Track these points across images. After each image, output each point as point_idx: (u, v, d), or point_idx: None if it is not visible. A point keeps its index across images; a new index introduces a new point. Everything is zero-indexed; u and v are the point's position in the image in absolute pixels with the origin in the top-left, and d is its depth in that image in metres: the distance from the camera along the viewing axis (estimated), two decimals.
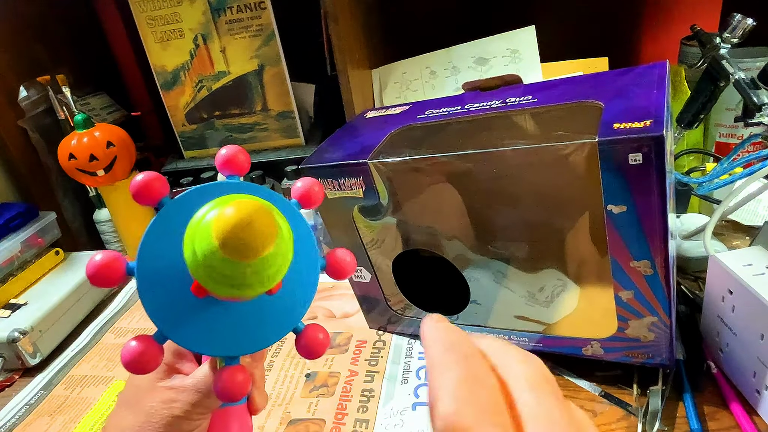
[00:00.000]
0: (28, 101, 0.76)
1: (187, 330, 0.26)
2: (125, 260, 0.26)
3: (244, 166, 0.30)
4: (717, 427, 0.42)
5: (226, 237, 0.21)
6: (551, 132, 0.39)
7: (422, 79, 0.75)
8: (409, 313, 0.55)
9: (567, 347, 0.47)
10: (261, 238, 0.22)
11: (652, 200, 0.36)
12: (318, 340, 0.29)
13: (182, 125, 0.81)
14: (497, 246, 0.46)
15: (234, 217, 0.21)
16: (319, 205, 0.31)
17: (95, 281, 0.25)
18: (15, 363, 0.61)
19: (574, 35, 0.79)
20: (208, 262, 0.22)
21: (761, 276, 0.41)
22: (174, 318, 0.26)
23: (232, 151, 0.29)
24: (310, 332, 0.29)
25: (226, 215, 0.21)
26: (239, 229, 0.21)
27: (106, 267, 0.25)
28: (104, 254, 0.25)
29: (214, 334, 0.26)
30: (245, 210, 0.22)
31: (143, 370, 0.26)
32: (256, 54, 0.75)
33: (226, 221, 0.21)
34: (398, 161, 0.44)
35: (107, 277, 0.25)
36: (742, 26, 0.53)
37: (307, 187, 0.31)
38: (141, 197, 0.27)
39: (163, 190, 0.27)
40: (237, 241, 0.21)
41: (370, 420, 0.48)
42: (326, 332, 0.29)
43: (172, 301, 0.26)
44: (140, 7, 0.73)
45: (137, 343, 0.25)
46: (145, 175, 0.27)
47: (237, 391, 0.27)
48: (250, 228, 0.21)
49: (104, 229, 0.82)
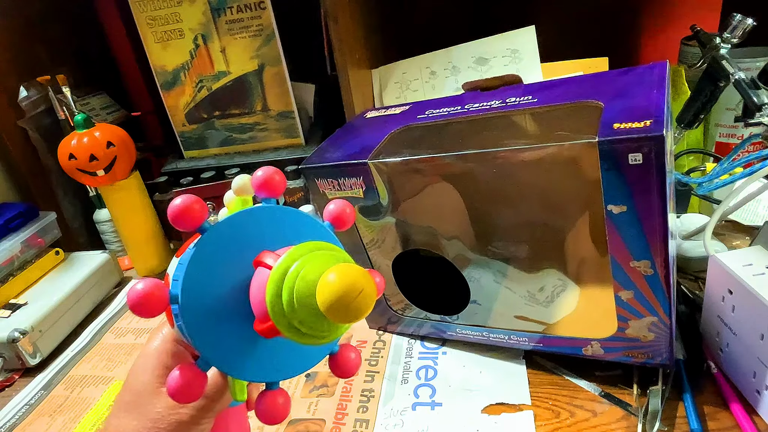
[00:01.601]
0: (28, 101, 0.76)
1: (237, 361, 0.26)
2: (166, 288, 0.25)
3: (280, 188, 0.29)
4: (717, 427, 0.42)
5: (334, 304, 0.21)
6: (551, 132, 0.39)
7: (422, 79, 0.75)
8: (409, 313, 0.55)
9: (567, 347, 0.47)
10: (367, 307, 0.22)
11: (652, 200, 0.36)
12: (351, 360, 0.30)
13: (182, 125, 0.81)
14: (497, 246, 0.46)
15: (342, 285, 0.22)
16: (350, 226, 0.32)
17: (138, 311, 0.24)
18: (15, 363, 0.61)
19: (574, 35, 0.79)
20: (301, 317, 0.23)
21: (761, 276, 0.41)
22: (223, 349, 0.26)
23: (269, 173, 0.29)
24: (344, 353, 0.30)
25: (333, 282, 0.22)
26: (350, 299, 0.21)
27: (149, 296, 0.24)
28: (146, 283, 0.24)
29: (262, 363, 0.27)
30: (353, 278, 0.22)
31: (190, 399, 0.26)
32: (256, 54, 0.75)
33: (335, 289, 0.21)
34: (398, 161, 0.44)
35: (151, 307, 0.24)
36: (742, 26, 0.53)
37: (340, 210, 0.31)
38: (180, 222, 0.26)
39: (203, 213, 0.26)
40: (347, 309, 0.22)
41: (370, 420, 0.48)
42: (358, 352, 0.30)
43: (222, 332, 0.26)
44: (140, 7, 0.73)
45: (183, 374, 0.25)
46: (184, 200, 0.26)
47: (279, 414, 0.27)
48: (361, 299, 0.22)
49: (104, 229, 0.82)
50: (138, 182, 0.75)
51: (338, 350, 0.30)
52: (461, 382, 0.50)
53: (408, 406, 0.48)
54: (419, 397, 0.49)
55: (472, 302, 0.50)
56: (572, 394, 0.47)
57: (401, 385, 0.51)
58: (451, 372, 0.52)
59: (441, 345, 0.55)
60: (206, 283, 0.26)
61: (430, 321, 0.54)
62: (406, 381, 0.51)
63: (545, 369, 0.50)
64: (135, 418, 0.31)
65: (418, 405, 0.48)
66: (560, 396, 0.47)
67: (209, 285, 0.26)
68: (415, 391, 0.50)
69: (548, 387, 0.48)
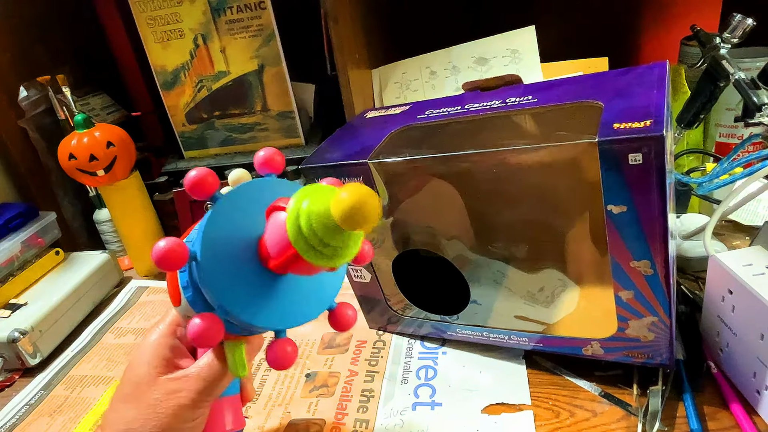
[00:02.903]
0: (28, 101, 0.76)
1: (250, 306, 0.29)
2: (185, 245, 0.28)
3: (281, 166, 0.34)
4: (717, 427, 0.42)
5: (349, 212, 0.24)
6: (551, 132, 0.39)
7: (422, 79, 0.75)
8: (409, 313, 0.55)
9: (567, 347, 0.47)
10: (376, 212, 0.24)
11: (652, 200, 0.36)
12: (348, 316, 0.33)
13: (182, 125, 0.81)
14: (497, 246, 0.46)
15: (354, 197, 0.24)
16: None
17: (163, 265, 0.27)
18: (15, 363, 0.61)
19: (574, 35, 0.79)
20: (320, 234, 0.25)
21: (761, 276, 0.41)
22: (239, 297, 0.29)
23: (270, 153, 0.33)
24: (342, 309, 0.33)
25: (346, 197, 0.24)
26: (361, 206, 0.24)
27: (172, 251, 0.27)
28: (168, 240, 0.28)
29: (272, 310, 0.30)
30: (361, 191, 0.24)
31: (209, 344, 0.29)
32: (256, 54, 0.75)
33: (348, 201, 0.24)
34: (398, 161, 0.44)
35: (175, 261, 0.27)
36: (742, 26, 0.53)
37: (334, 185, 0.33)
38: (196, 191, 0.30)
39: (215, 184, 0.30)
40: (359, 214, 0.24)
41: (370, 420, 0.48)
42: (355, 310, 0.34)
43: (236, 281, 0.29)
44: (140, 7, 0.73)
45: (201, 321, 0.28)
46: (198, 171, 0.30)
47: (288, 360, 0.30)
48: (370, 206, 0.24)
49: (104, 229, 0.82)
50: (138, 182, 0.75)
51: (336, 306, 0.33)
52: (461, 382, 0.50)
53: (408, 406, 0.48)
54: (419, 397, 0.49)
55: (472, 302, 0.50)
56: (572, 394, 0.47)
57: (401, 385, 0.51)
58: (451, 372, 0.52)
59: (441, 345, 0.55)
60: (221, 239, 0.29)
61: (430, 321, 0.54)
62: (406, 381, 0.51)
63: (545, 369, 0.50)
64: (134, 407, 0.31)
65: (418, 405, 0.48)
66: (560, 396, 0.47)
67: (224, 241, 0.29)
68: (415, 391, 0.50)
69: (548, 387, 0.48)
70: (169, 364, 0.33)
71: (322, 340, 0.59)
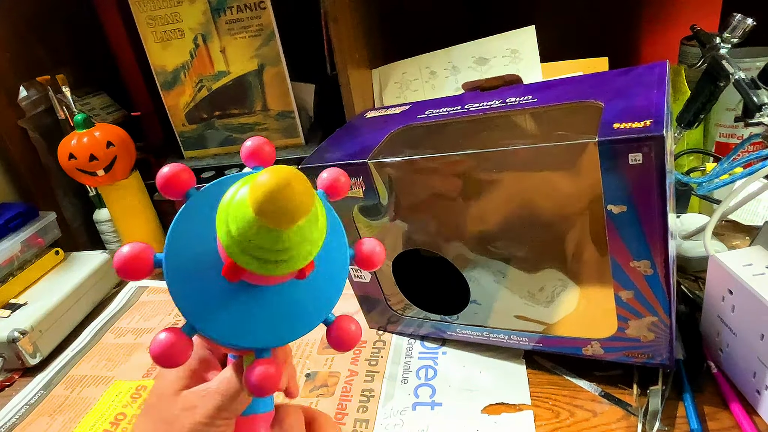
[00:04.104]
0: (28, 101, 0.76)
1: (217, 321, 0.25)
2: (153, 252, 0.25)
3: (270, 158, 0.29)
4: (717, 427, 0.42)
5: (264, 202, 0.20)
6: (551, 132, 0.39)
7: (422, 79, 0.75)
8: (409, 313, 0.55)
9: (567, 347, 0.47)
10: (299, 201, 0.20)
11: (652, 200, 0.36)
12: (350, 331, 0.28)
13: (182, 125, 0.81)
14: (497, 246, 0.46)
15: (270, 181, 0.20)
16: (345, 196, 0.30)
17: (123, 274, 0.25)
18: (15, 363, 0.61)
19: (574, 35, 0.79)
20: (243, 234, 0.21)
21: (761, 276, 0.41)
22: (204, 308, 0.25)
23: (258, 143, 0.29)
24: (342, 323, 0.28)
25: (262, 181, 0.20)
26: (277, 192, 0.20)
27: (134, 259, 0.24)
28: (132, 246, 0.25)
29: (244, 324, 0.26)
30: (281, 173, 0.20)
31: (172, 363, 0.25)
32: (256, 54, 0.75)
33: (263, 186, 0.20)
34: (398, 161, 0.44)
35: (136, 269, 0.25)
36: (742, 26, 0.53)
37: (333, 178, 0.30)
38: (168, 189, 0.26)
39: (190, 181, 0.27)
40: (275, 204, 0.20)
41: (370, 420, 0.48)
42: (358, 324, 0.29)
43: (201, 291, 0.25)
44: (140, 7, 0.73)
45: (166, 335, 0.25)
46: (171, 167, 0.26)
47: (269, 385, 0.25)
48: (289, 190, 0.20)
49: (104, 229, 0.82)
50: (138, 182, 0.75)
51: (334, 320, 0.28)
52: (461, 382, 0.50)
53: (408, 406, 0.48)
54: (419, 397, 0.49)
55: (472, 302, 0.50)
56: (572, 394, 0.47)
57: (401, 384, 0.51)
58: (451, 372, 0.52)
59: (441, 345, 0.55)
60: (187, 245, 0.25)
61: (430, 321, 0.54)
62: (406, 381, 0.51)
63: (545, 369, 0.50)
64: (151, 421, 0.30)
65: (418, 405, 0.48)
66: (560, 396, 0.47)
67: (190, 247, 0.25)
68: (415, 391, 0.50)
69: (548, 387, 0.48)
70: (195, 377, 0.31)
71: (321, 340, 0.59)
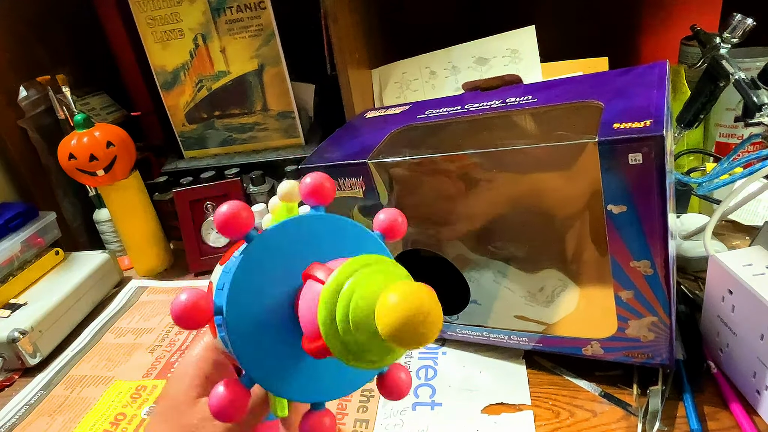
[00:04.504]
0: (28, 101, 0.76)
1: (282, 380, 0.25)
2: (211, 299, 0.24)
3: (331, 195, 0.28)
4: (717, 427, 0.42)
5: (398, 330, 0.19)
6: (551, 132, 0.39)
7: (422, 79, 0.75)
8: None
9: (567, 347, 0.47)
10: (434, 331, 0.20)
11: (652, 200, 0.36)
12: (401, 381, 0.27)
13: (182, 125, 0.81)
14: (497, 246, 0.46)
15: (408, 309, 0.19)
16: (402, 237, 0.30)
17: (182, 323, 0.23)
18: (15, 363, 0.61)
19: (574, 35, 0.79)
20: (357, 339, 0.21)
21: (761, 276, 0.41)
22: (269, 367, 0.25)
23: (319, 180, 0.27)
24: (394, 373, 0.27)
25: (396, 304, 0.19)
26: (416, 323, 0.19)
27: (193, 308, 0.23)
28: (189, 294, 0.23)
29: (309, 382, 0.25)
30: (418, 300, 0.19)
31: (233, 419, 0.24)
32: (256, 54, 0.75)
33: (399, 313, 0.19)
34: (398, 161, 0.44)
35: (194, 319, 0.23)
36: (742, 26, 0.53)
37: (392, 219, 0.29)
38: (228, 230, 0.24)
39: (250, 221, 0.25)
40: (412, 334, 0.19)
41: (370, 420, 0.48)
42: (408, 372, 0.28)
43: (267, 348, 0.24)
44: (140, 7, 0.73)
45: (225, 390, 0.24)
46: (231, 206, 0.24)
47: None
48: (429, 323, 0.19)
49: (104, 229, 0.82)
50: (138, 182, 0.75)
51: (387, 370, 0.27)
52: (461, 382, 0.50)
53: (408, 406, 0.48)
54: (419, 397, 0.49)
55: (472, 302, 0.50)
56: (572, 394, 0.47)
57: None
58: (451, 372, 0.52)
59: (441, 345, 0.55)
60: (253, 294, 0.24)
61: None
62: None
63: (545, 369, 0.50)
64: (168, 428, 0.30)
65: (418, 405, 0.48)
66: (560, 396, 0.47)
67: (256, 297, 0.24)
68: (415, 391, 0.50)
69: (548, 387, 0.48)
70: (210, 383, 0.30)
71: None
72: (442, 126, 0.48)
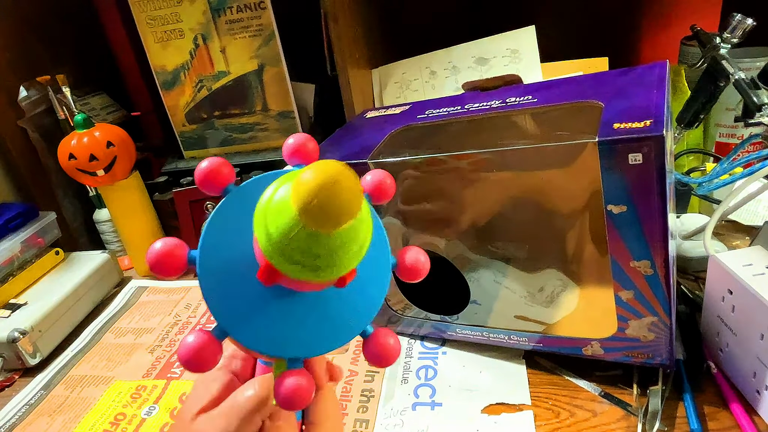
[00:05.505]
0: (28, 101, 0.76)
1: (249, 326, 0.24)
2: (187, 248, 0.24)
3: (314, 156, 0.27)
4: (717, 427, 0.42)
5: (307, 201, 0.18)
6: (551, 132, 0.39)
7: (422, 79, 0.75)
8: (409, 313, 0.55)
9: (567, 347, 0.47)
10: (346, 201, 0.19)
11: (652, 200, 0.36)
12: (389, 345, 0.25)
13: (182, 125, 0.81)
14: (497, 246, 0.46)
15: (316, 177, 0.18)
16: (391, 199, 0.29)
17: (156, 270, 0.24)
18: (15, 363, 0.61)
19: (574, 35, 0.79)
20: (282, 235, 0.20)
21: (761, 276, 0.41)
22: (236, 312, 0.24)
23: (301, 139, 0.27)
24: (381, 337, 0.25)
25: (307, 177, 0.18)
26: (322, 190, 0.18)
27: (167, 255, 0.23)
28: (165, 242, 0.24)
29: (277, 332, 0.24)
30: (328, 169, 0.18)
31: (201, 367, 0.24)
32: (256, 54, 0.75)
33: (307, 183, 0.18)
34: (398, 161, 0.44)
35: (169, 266, 0.24)
36: (742, 26, 0.53)
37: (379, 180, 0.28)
38: (206, 184, 0.25)
39: (230, 176, 0.25)
40: (320, 204, 0.18)
41: (370, 420, 0.48)
42: (396, 338, 0.26)
43: (235, 293, 0.24)
44: (140, 7, 0.73)
45: (195, 338, 0.23)
46: (211, 162, 0.25)
47: (298, 399, 0.24)
48: (336, 188, 0.18)
49: (104, 229, 0.82)
50: (138, 182, 0.75)
51: (372, 333, 0.25)
52: (461, 382, 0.50)
53: (408, 406, 0.48)
54: (419, 397, 0.49)
55: (472, 302, 0.50)
56: (572, 394, 0.47)
57: (401, 384, 0.51)
58: (451, 372, 0.52)
59: (441, 345, 0.55)
60: (224, 243, 0.24)
61: (430, 321, 0.54)
62: (406, 381, 0.51)
63: (545, 369, 0.50)
64: None
65: (418, 405, 0.48)
66: (560, 396, 0.47)
67: (227, 246, 0.24)
68: (415, 391, 0.50)
69: (548, 387, 0.48)
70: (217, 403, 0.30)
71: None
72: (442, 126, 0.48)
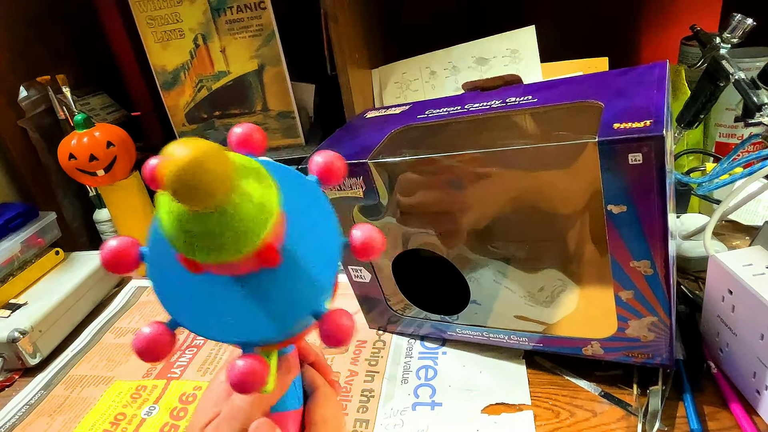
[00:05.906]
0: (28, 101, 0.76)
1: (196, 315, 0.25)
2: (139, 245, 0.25)
3: (261, 146, 0.27)
4: (717, 427, 0.42)
5: (176, 179, 0.18)
6: (551, 132, 0.39)
7: (422, 79, 0.75)
8: (409, 313, 0.55)
9: (567, 347, 0.47)
10: (209, 180, 0.19)
11: (652, 200, 0.36)
12: (341, 325, 0.25)
13: (182, 125, 0.81)
14: (497, 246, 0.46)
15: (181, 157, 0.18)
16: (341, 181, 0.28)
17: (109, 266, 0.24)
18: (15, 363, 0.61)
19: (574, 35, 0.79)
20: (172, 220, 0.21)
21: (761, 276, 0.41)
22: (182, 303, 0.25)
23: (248, 130, 0.27)
24: (333, 317, 0.25)
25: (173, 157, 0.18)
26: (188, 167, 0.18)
27: (120, 252, 0.24)
28: (119, 240, 0.25)
29: (219, 317, 0.25)
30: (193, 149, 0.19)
31: (155, 357, 0.25)
32: (256, 54, 0.75)
33: (173, 163, 0.18)
34: (398, 161, 0.44)
35: (121, 263, 0.25)
36: (742, 26, 0.53)
37: (327, 162, 0.28)
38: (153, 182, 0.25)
39: None
40: (186, 180, 0.18)
41: (370, 420, 0.48)
42: (351, 317, 0.25)
43: (180, 285, 0.25)
44: (140, 7, 0.73)
45: (149, 330, 0.24)
46: None
47: (247, 382, 0.24)
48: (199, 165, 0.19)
49: (104, 229, 0.82)
50: (138, 182, 0.75)
51: (325, 314, 0.25)
52: (461, 382, 0.50)
53: (408, 406, 0.48)
54: (419, 397, 0.49)
55: (472, 302, 0.50)
56: (572, 394, 0.47)
57: (401, 385, 0.51)
58: (451, 372, 0.52)
59: (441, 345, 0.55)
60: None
61: (430, 321, 0.54)
62: (406, 381, 0.51)
63: (545, 369, 0.50)
64: None
65: (418, 405, 0.48)
66: (560, 396, 0.47)
67: None
68: (415, 391, 0.50)
69: (548, 387, 0.48)
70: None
71: None
72: (442, 126, 0.48)
